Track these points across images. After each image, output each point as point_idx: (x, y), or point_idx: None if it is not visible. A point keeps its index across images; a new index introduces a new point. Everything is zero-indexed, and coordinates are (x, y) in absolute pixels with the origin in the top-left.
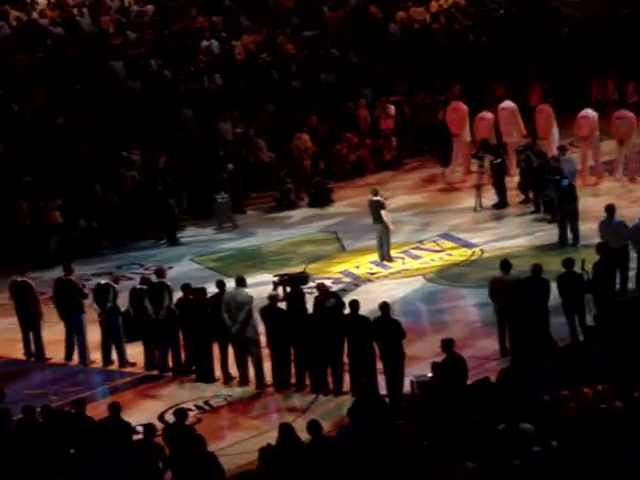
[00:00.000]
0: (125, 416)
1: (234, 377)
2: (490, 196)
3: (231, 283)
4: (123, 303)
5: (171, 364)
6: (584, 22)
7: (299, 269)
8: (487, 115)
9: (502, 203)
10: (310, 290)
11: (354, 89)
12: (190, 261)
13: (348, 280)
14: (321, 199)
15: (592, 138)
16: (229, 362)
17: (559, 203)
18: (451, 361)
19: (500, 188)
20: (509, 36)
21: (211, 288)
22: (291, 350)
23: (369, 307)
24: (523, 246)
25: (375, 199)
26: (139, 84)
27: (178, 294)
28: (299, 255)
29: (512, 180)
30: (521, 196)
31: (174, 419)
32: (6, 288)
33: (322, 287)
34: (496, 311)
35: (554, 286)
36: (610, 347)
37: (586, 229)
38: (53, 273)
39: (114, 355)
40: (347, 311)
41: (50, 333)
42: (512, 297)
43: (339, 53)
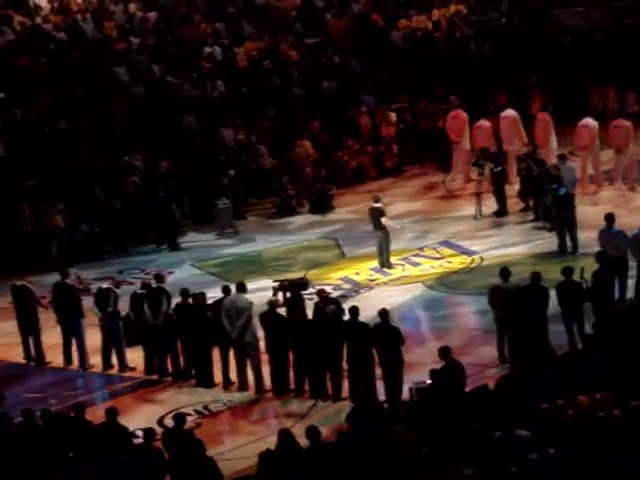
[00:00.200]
0: (124, 420)
1: (233, 382)
2: (490, 204)
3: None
4: (124, 308)
5: (170, 369)
6: (586, 31)
7: (299, 275)
8: (485, 123)
9: (502, 211)
10: (310, 296)
11: (356, 96)
12: (191, 266)
13: (348, 286)
14: (322, 206)
15: (592, 147)
16: (229, 367)
17: (556, 212)
18: (450, 368)
19: (500, 196)
20: (511, 45)
21: (211, 293)
22: (290, 355)
23: (369, 313)
24: (523, 254)
25: (376, 206)
26: (142, 90)
27: (178, 299)
28: (299, 261)
29: (512, 188)
30: (521, 204)
31: (173, 424)
32: (7, 292)
33: (322, 293)
34: (495, 319)
35: (553, 294)
36: (609, 355)
37: (585, 238)
38: (54, 277)
39: (114, 359)
40: (347, 317)
41: (50, 337)
42: (511, 305)
43: (341, 61)
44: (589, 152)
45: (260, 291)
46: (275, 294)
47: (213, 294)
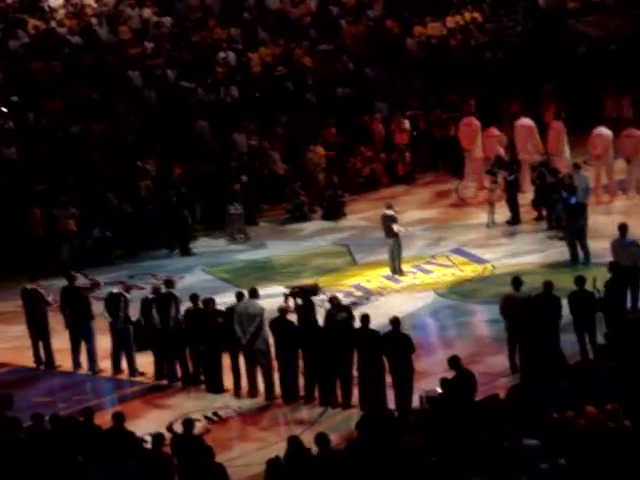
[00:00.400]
0: (133, 425)
1: (243, 388)
2: (503, 212)
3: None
4: (135, 313)
5: (180, 374)
6: (601, 40)
7: (310, 282)
8: (494, 131)
9: (515, 219)
10: (321, 302)
11: (369, 103)
12: (202, 271)
13: (359, 294)
14: (334, 212)
15: (606, 156)
16: (240, 373)
17: (567, 221)
18: (461, 377)
19: (513, 204)
20: (525, 53)
21: (222, 298)
22: (300, 362)
23: (380, 321)
24: (535, 263)
25: (388, 213)
26: (155, 94)
27: (188, 304)
28: (311, 268)
29: (525, 197)
30: (534, 213)
31: (182, 429)
32: (18, 295)
33: (334, 300)
34: (506, 328)
35: (565, 303)
36: (620, 366)
37: (598, 247)
38: (65, 282)
39: (124, 364)
40: (357, 324)
41: (59, 341)
42: (523, 314)
43: (355, 67)
44: (603, 161)
45: (271, 297)
46: (286, 300)
47: (224, 299)
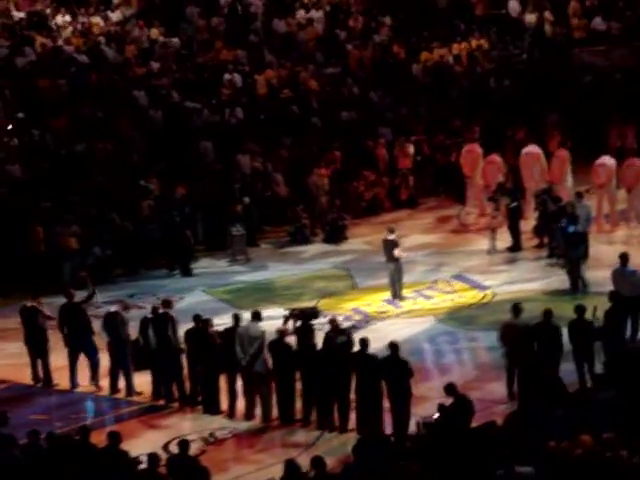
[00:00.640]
0: (130, 445)
1: (239, 410)
2: (504, 239)
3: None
4: (134, 332)
5: (176, 394)
6: (607, 70)
7: (310, 304)
8: (496, 159)
9: (516, 246)
10: (320, 325)
11: (374, 128)
12: (202, 292)
13: (359, 317)
14: (336, 235)
15: (608, 186)
16: (236, 395)
17: (565, 249)
18: (458, 403)
19: (515, 231)
20: (531, 81)
21: (220, 320)
22: (298, 385)
23: (378, 345)
24: (535, 290)
25: (390, 238)
26: (160, 114)
27: (188, 325)
28: (311, 290)
29: (528, 224)
30: (535, 240)
31: (178, 450)
32: (17, 313)
33: (334, 322)
34: (505, 355)
35: (565, 331)
36: (619, 395)
37: (599, 276)
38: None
39: (121, 383)
40: (356, 348)
41: (57, 359)
42: (522, 342)
43: (360, 91)
44: (605, 191)
45: (271, 319)
46: (285, 323)
47: (223, 321)
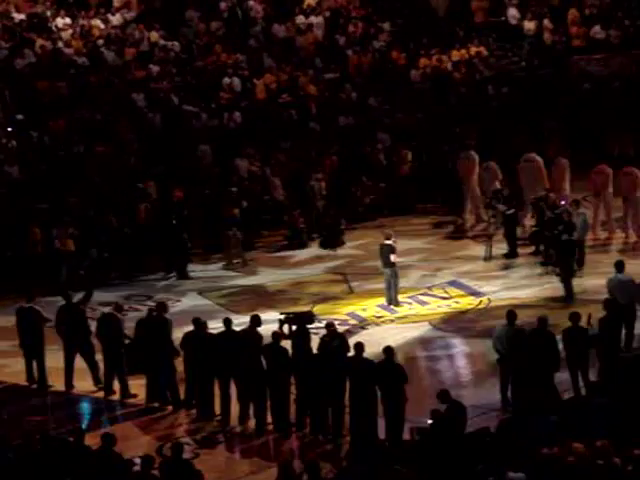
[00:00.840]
0: (124, 448)
1: (233, 414)
2: (500, 245)
3: (239, 320)
4: (130, 334)
5: (170, 397)
6: (605, 78)
7: (306, 309)
8: (492, 165)
9: (512, 253)
10: (316, 330)
11: (372, 133)
12: (198, 295)
13: (354, 322)
14: (332, 240)
15: (605, 194)
16: (230, 399)
17: (557, 257)
18: (451, 409)
19: (511, 238)
20: (529, 88)
21: (217, 323)
22: (292, 389)
23: (373, 350)
24: (530, 297)
25: (387, 243)
26: (159, 117)
27: (183, 328)
28: (307, 295)
29: (524, 231)
30: (532, 247)
31: (172, 453)
32: (12, 313)
33: (331, 327)
34: (499, 361)
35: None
36: (612, 403)
37: (594, 284)
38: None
39: (116, 385)
40: (351, 353)
41: (53, 360)
42: (516, 348)
43: (359, 97)
44: (602, 198)
45: (266, 323)
46: (281, 327)
47: (219, 324)
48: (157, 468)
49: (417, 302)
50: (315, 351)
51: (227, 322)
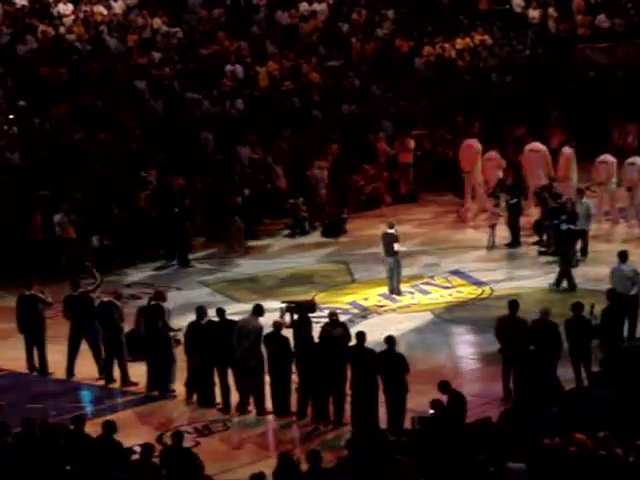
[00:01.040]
0: (124, 436)
1: (234, 403)
2: (503, 235)
3: (235, 308)
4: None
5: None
6: (610, 67)
7: (308, 297)
8: (494, 155)
9: (515, 243)
10: (317, 319)
11: (375, 121)
12: (199, 284)
13: (356, 311)
14: (334, 229)
15: (609, 184)
16: (229, 388)
17: (556, 247)
18: (452, 399)
19: (514, 228)
20: (533, 77)
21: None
22: (293, 378)
23: (375, 339)
24: (533, 287)
25: (389, 232)
26: (161, 104)
27: (185, 316)
28: (309, 284)
29: (528, 220)
30: (535, 237)
31: (172, 441)
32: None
33: (333, 316)
34: (501, 351)
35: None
36: (615, 394)
37: (598, 274)
38: (63, 287)
39: (117, 373)
40: (353, 342)
41: (54, 348)
42: (518, 338)
43: (362, 85)
44: (605, 188)
45: (268, 312)
46: (282, 316)
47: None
48: (157, 456)
49: (419, 291)
50: (316, 340)
51: (220, 312)
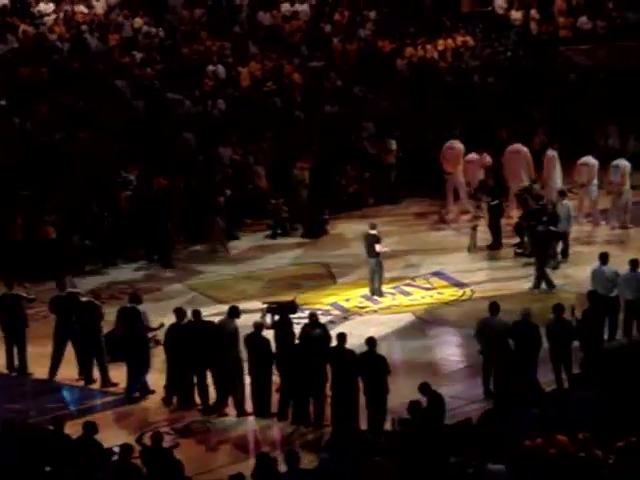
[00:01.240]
0: (103, 436)
1: (213, 404)
2: (485, 237)
3: (216, 309)
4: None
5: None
6: (591, 69)
7: (289, 298)
8: (474, 156)
9: (496, 244)
10: (298, 320)
11: (357, 122)
12: (180, 284)
13: (337, 313)
14: (316, 230)
15: (590, 185)
16: (207, 390)
17: (533, 248)
18: (430, 401)
19: (495, 229)
20: (515, 78)
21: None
22: (273, 379)
23: (356, 341)
24: (514, 289)
25: (371, 233)
26: (142, 104)
27: (165, 317)
28: (290, 284)
29: (509, 222)
30: (517, 238)
31: (151, 442)
32: None
33: (313, 317)
34: (482, 353)
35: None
36: (595, 395)
37: (579, 276)
38: (43, 288)
39: (96, 374)
40: (334, 343)
41: (34, 349)
42: (499, 340)
43: (344, 85)
44: (587, 190)
45: (248, 313)
46: (263, 316)
47: (205, 313)
48: (137, 457)
49: (400, 293)
50: (297, 341)
51: (196, 314)
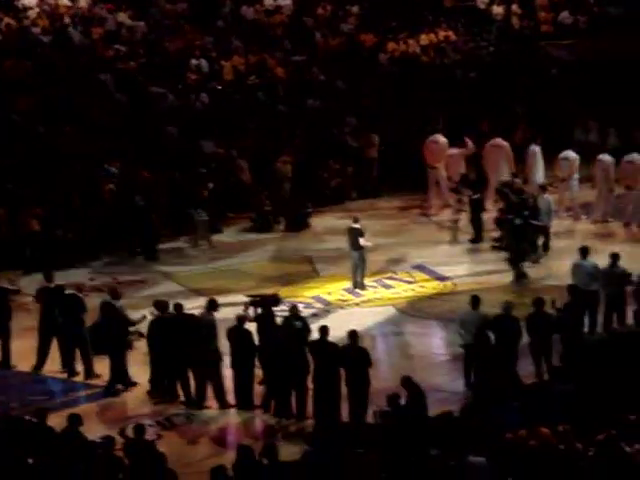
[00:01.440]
0: (86, 428)
1: (194, 396)
2: (466, 230)
3: (199, 302)
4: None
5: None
6: (572, 64)
7: (271, 291)
8: (454, 151)
9: (477, 238)
10: (281, 313)
11: (339, 116)
12: (163, 277)
13: (319, 306)
14: (298, 223)
15: (571, 179)
16: (189, 383)
17: (508, 242)
18: (411, 395)
19: (476, 223)
20: (497, 73)
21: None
22: (257, 372)
23: (338, 334)
24: (495, 282)
25: (354, 226)
26: (126, 98)
27: (148, 309)
28: (272, 277)
29: (490, 216)
30: (498, 232)
31: (134, 434)
32: None
33: (294, 310)
34: (463, 346)
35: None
36: (574, 387)
37: (559, 270)
38: (26, 281)
39: (79, 366)
40: (315, 336)
41: (19, 341)
42: (480, 333)
43: (327, 79)
44: (567, 184)
45: (231, 306)
46: (246, 309)
47: (189, 306)
48: (119, 449)
49: (382, 286)
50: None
51: (178, 307)
